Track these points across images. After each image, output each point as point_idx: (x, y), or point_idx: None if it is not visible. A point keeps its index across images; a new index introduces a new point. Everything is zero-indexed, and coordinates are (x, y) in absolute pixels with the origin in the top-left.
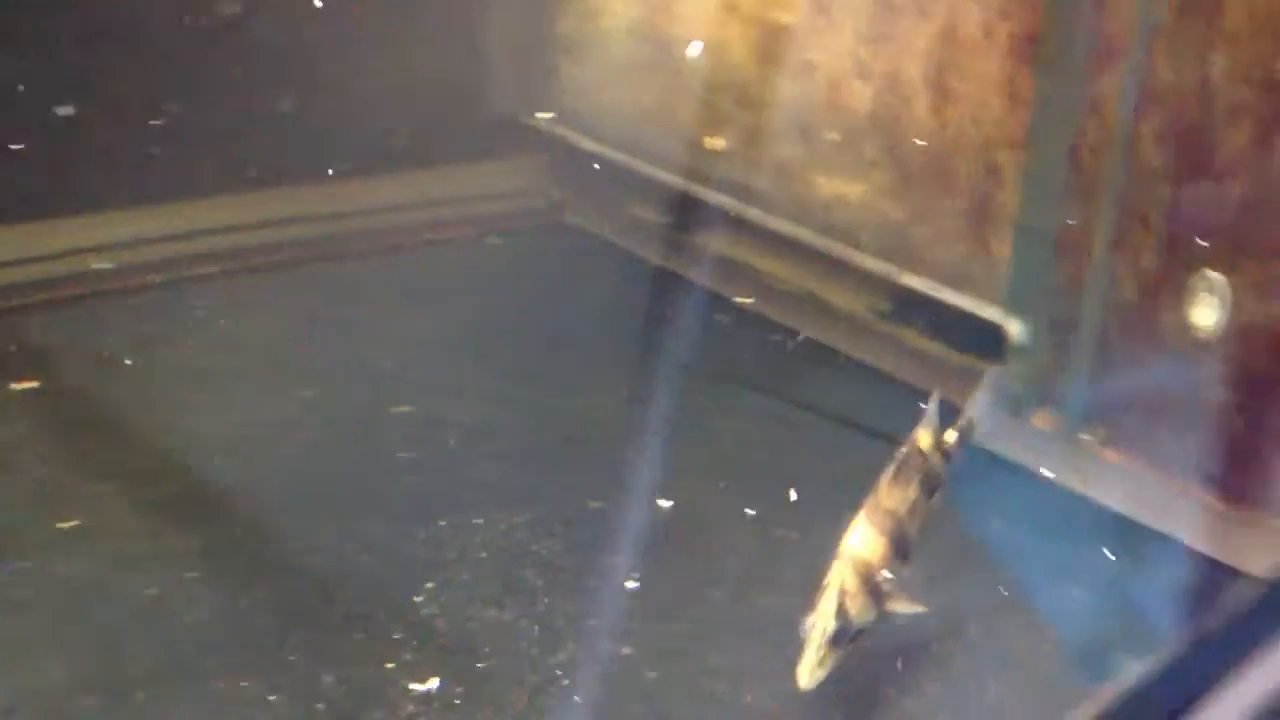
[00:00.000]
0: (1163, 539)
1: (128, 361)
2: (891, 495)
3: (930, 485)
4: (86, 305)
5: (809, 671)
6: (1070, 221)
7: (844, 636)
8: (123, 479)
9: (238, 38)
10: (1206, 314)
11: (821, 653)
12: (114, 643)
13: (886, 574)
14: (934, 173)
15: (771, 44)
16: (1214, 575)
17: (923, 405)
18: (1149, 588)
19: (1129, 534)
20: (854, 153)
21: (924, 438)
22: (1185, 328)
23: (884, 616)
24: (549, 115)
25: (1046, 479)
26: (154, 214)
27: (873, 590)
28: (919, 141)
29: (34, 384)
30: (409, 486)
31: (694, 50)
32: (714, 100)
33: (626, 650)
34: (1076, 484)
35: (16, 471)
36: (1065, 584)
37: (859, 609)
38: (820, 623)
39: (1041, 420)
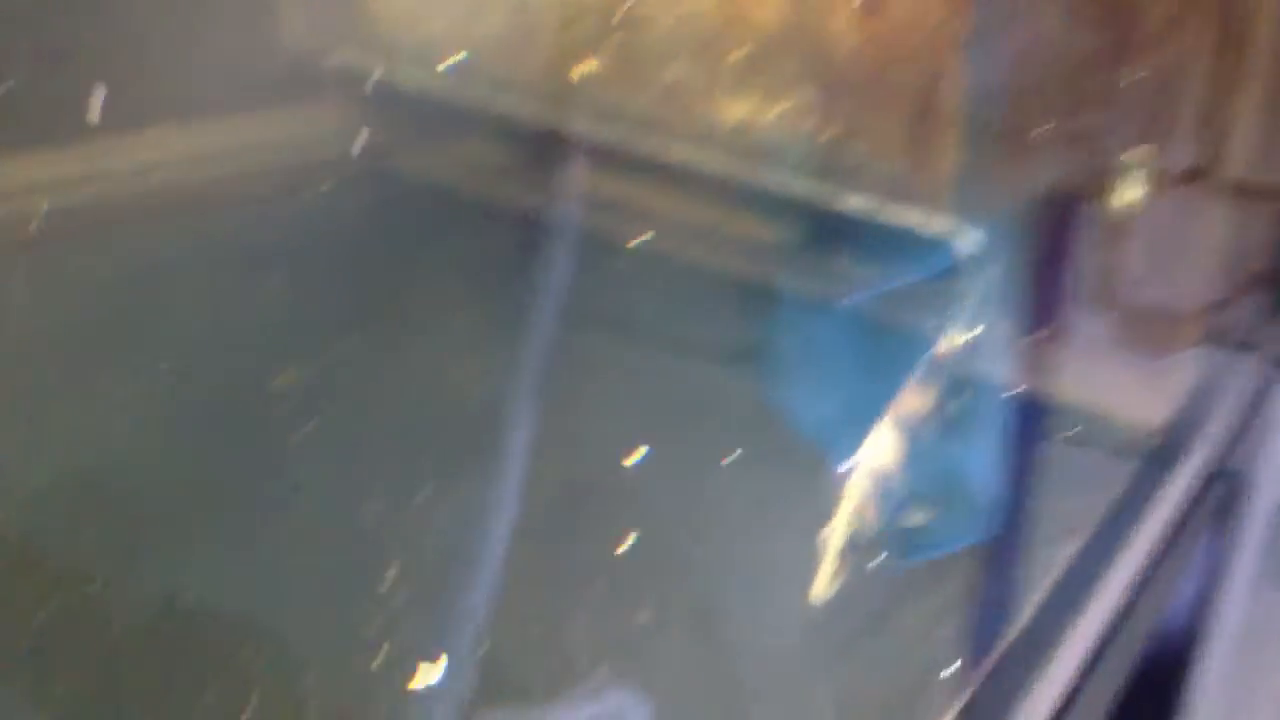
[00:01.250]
0: None
1: None
2: (914, 399)
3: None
4: None
5: (824, 585)
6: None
7: (856, 546)
8: None
9: None
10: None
11: (833, 566)
12: None
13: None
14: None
15: None
16: None
17: None
18: None
19: None
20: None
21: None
22: None
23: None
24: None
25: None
26: None
27: (886, 494)
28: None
29: None
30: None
31: None
32: (570, 20)
33: None
34: None
35: None
36: None
37: (872, 514)
38: (831, 540)
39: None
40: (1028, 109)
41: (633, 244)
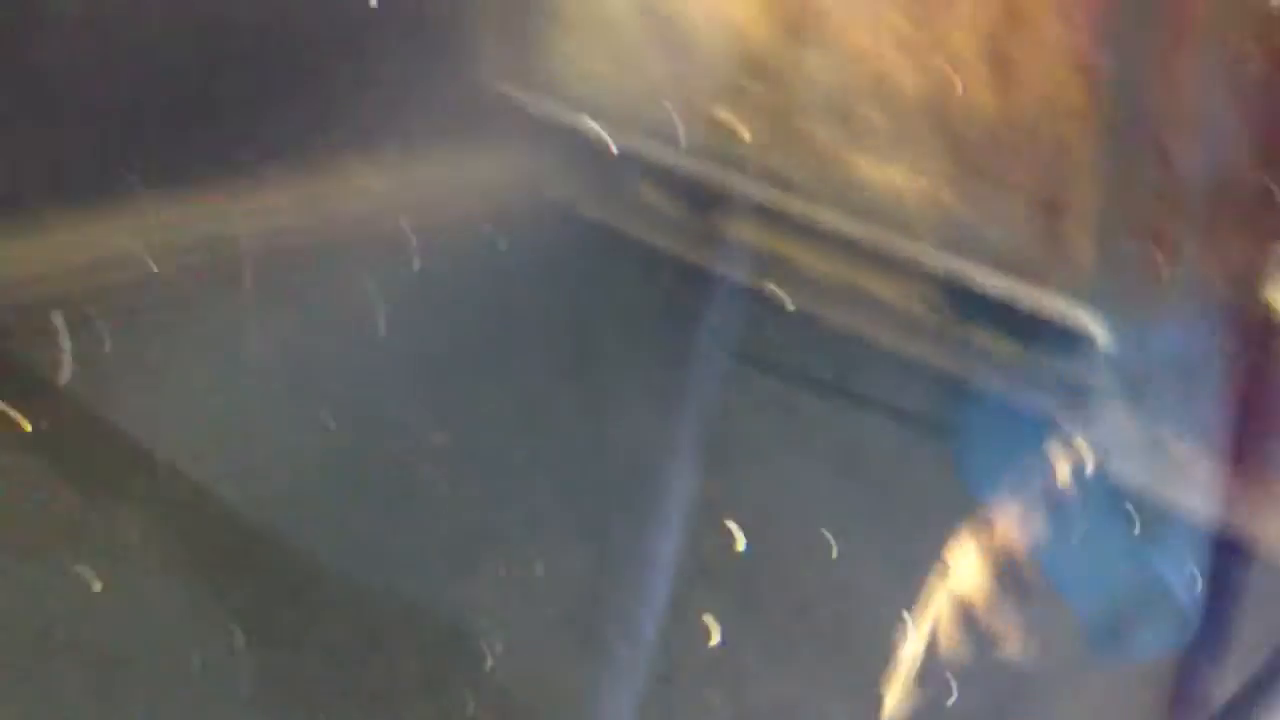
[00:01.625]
0: None
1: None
2: (1009, 526)
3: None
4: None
5: (895, 703)
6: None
7: (933, 672)
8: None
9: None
10: None
11: (909, 686)
12: None
13: (993, 609)
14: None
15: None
16: None
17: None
18: None
19: None
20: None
21: (1061, 468)
22: None
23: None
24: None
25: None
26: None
27: (972, 626)
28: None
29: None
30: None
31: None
32: (734, 78)
33: None
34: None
35: None
36: None
37: (954, 644)
38: (910, 654)
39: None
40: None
41: (792, 307)
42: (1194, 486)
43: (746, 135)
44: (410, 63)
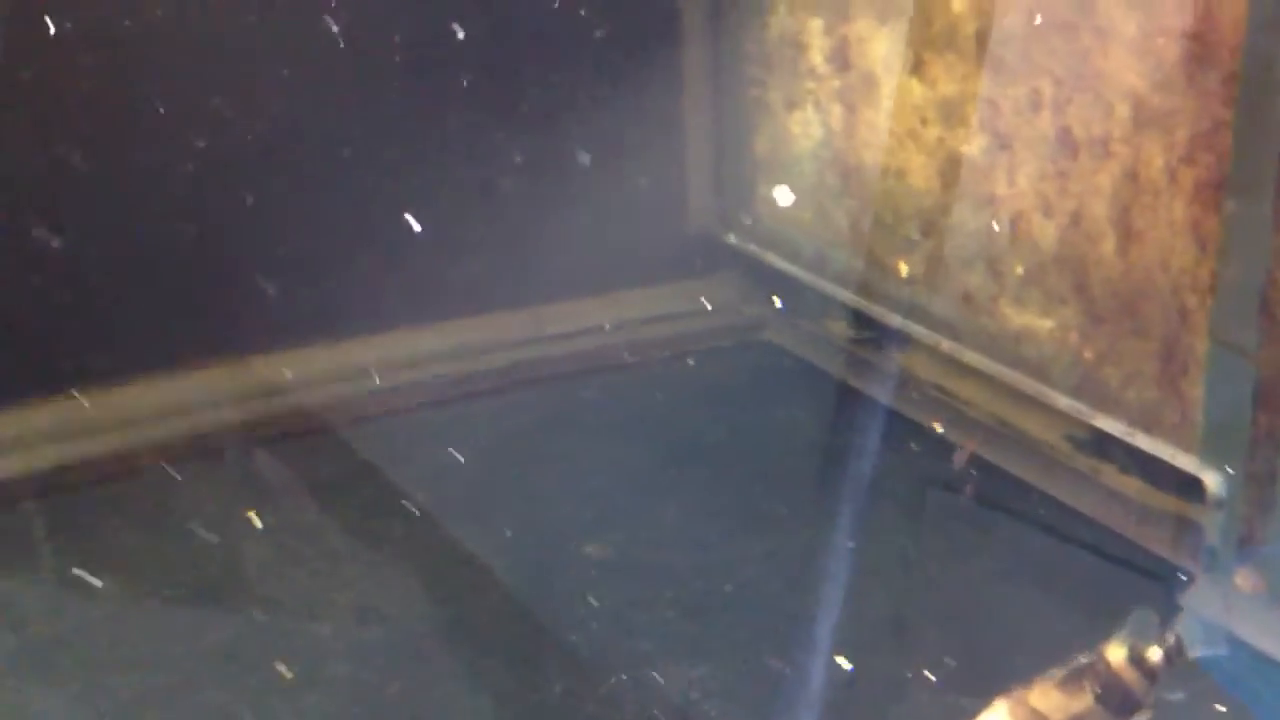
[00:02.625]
0: None
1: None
2: (1048, 698)
3: (1118, 705)
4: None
5: None
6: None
7: None
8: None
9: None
10: None
11: None
12: None
13: None
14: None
15: (952, 172)
16: None
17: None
18: None
19: None
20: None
21: (1116, 650)
22: None
23: None
24: (744, 233)
25: (1247, 645)
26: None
27: None
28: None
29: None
30: (592, 634)
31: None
32: (899, 226)
33: None
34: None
35: None
36: None
37: None
38: None
39: (1244, 580)
40: None
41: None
42: None
43: (910, 277)
44: (626, 211)
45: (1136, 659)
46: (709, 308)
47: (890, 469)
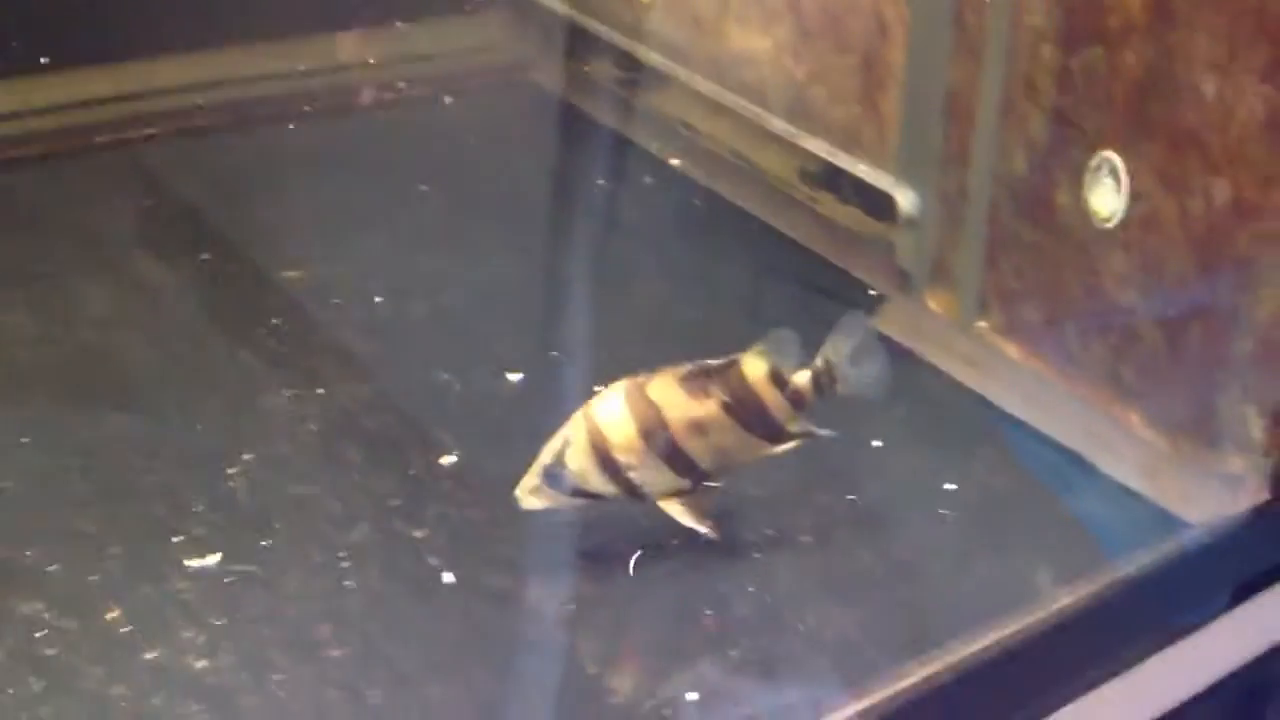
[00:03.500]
0: (1069, 458)
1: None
2: (668, 391)
3: (751, 422)
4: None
5: (524, 493)
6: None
7: (554, 480)
8: None
9: None
10: (1106, 200)
11: (535, 481)
12: None
13: (629, 459)
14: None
15: None
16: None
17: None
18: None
19: (1030, 447)
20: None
21: (754, 363)
22: (1085, 214)
23: (633, 498)
24: None
25: (934, 368)
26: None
27: (605, 463)
28: None
29: None
30: (270, 355)
31: None
32: None
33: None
34: (969, 378)
35: None
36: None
37: (580, 467)
38: (542, 455)
39: (935, 301)
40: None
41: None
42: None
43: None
44: None
45: (778, 379)
46: (475, 46)
47: (617, 202)
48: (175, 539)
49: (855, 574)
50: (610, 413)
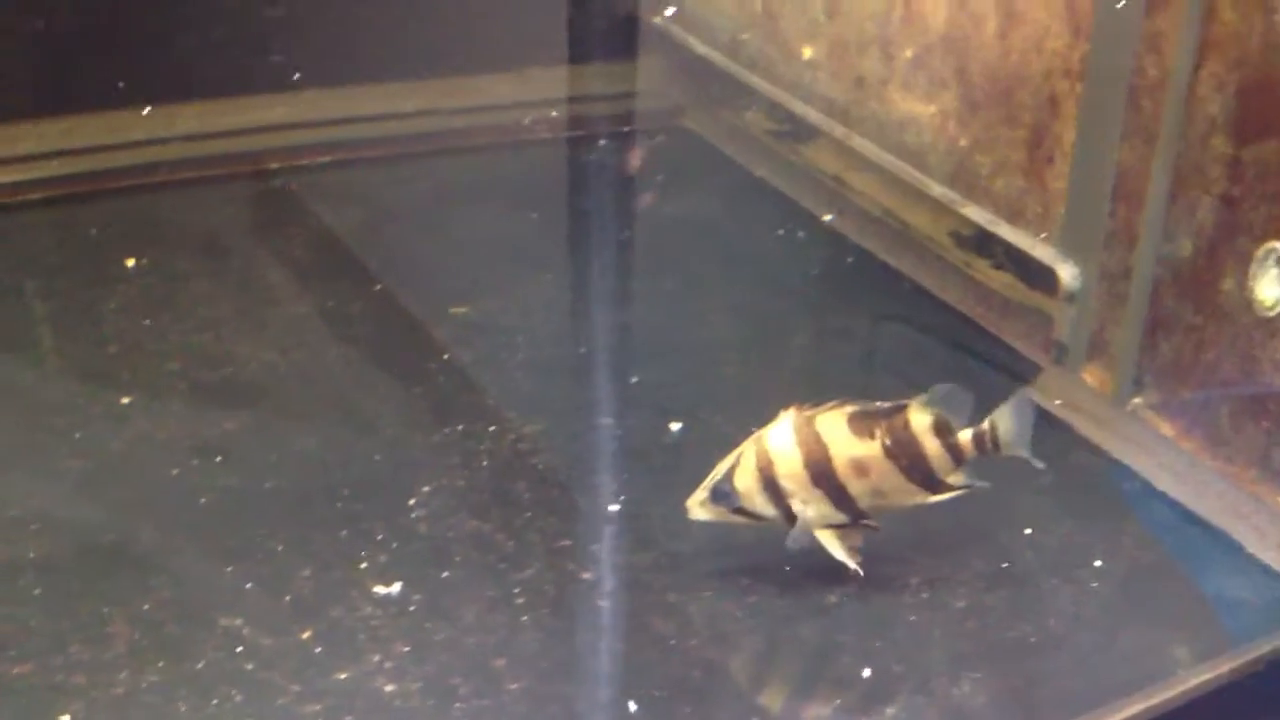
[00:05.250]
0: (1216, 537)
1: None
2: (834, 428)
3: (910, 468)
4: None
5: (694, 504)
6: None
7: (721, 497)
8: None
9: None
10: (1271, 289)
11: (704, 495)
12: None
13: (792, 486)
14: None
15: None
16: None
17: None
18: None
19: (1178, 524)
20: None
21: (919, 413)
22: (1248, 301)
23: (789, 523)
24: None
25: (1088, 441)
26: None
27: (770, 486)
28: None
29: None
30: (439, 388)
31: None
32: (806, 7)
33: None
34: (1123, 454)
35: None
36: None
37: (746, 487)
38: (713, 472)
39: (1091, 376)
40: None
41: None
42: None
43: (811, 61)
44: None
45: (941, 430)
46: (630, 91)
47: (769, 255)
48: (361, 565)
49: (1001, 640)
50: (780, 441)
